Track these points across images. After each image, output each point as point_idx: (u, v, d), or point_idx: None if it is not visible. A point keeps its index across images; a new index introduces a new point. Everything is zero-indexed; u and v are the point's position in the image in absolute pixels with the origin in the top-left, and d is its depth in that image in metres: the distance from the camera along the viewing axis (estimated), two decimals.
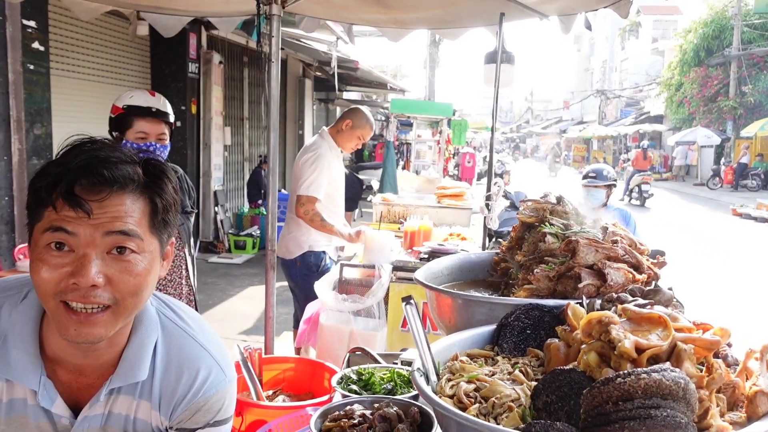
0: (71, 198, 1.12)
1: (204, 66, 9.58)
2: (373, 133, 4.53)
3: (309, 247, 4.11)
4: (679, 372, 1.07)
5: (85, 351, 1.27)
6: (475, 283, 2.31)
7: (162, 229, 1.27)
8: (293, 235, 4.17)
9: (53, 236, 1.13)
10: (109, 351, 1.31)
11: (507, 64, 3.94)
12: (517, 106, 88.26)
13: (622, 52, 49.10)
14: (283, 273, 4.40)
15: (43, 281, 1.14)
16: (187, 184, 3.10)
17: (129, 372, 1.32)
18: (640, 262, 1.81)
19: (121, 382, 1.32)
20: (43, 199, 1.14)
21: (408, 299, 1.50)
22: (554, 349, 1.41)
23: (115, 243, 1.17)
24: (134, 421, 1.38)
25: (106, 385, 1.31)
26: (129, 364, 1.32)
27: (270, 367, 2.74)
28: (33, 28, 6.05)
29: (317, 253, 4.16)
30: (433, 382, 1.44)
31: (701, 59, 29.21)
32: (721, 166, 27.43)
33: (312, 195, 4.02)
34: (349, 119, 4.27)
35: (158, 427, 1.41)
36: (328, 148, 4.21)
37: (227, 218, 10.56)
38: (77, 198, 1.12)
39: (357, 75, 13.29)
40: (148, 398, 1.37)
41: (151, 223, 1.23)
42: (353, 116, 4.30)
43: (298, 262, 4.16)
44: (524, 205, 2.20)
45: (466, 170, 18.68)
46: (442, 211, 5.51)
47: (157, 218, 1.24)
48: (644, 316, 1.26)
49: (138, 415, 1.38)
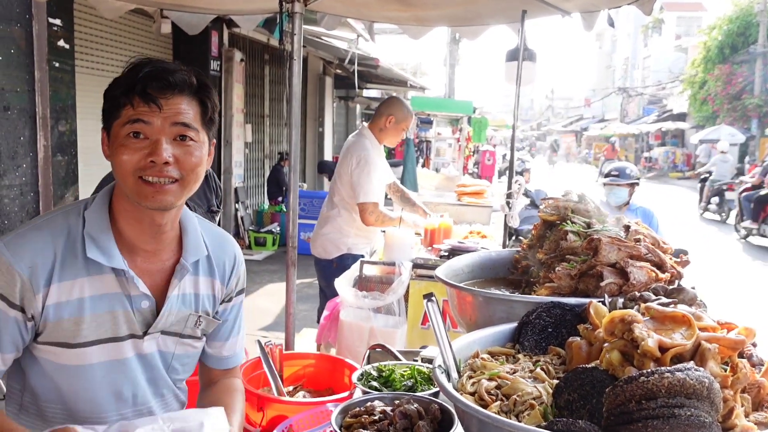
0: (146, 95, 1.40)
1: (225, 64, 9.64)
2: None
3: (348, 249, 4.10)
4: (703, 371, 1.07)
5: (155, 234, 1.54)
6: (496, 281, 2.30)
7: (210, 125, 1.55)
8: (331, 237, 4.17)
9: (132, 127, 1.41)
10: (171, 233, 1.60)
11: (529, 61, 3.92)
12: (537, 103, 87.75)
13: (644, 49, 48.57)
14: (316, 271, 4.41)
15: (125, 162, 1.42)
16: (214, 182, 3.11)
17: (195, 248, 1.63)
18: (663, 261, 1.80)
19: (192, 258, 1.61)
20: (120, 101, 1.41)
21: (429, 296, 1.50)
22: (576, 347, 1.41)
23: (178, 132, 1.45)
24: (200, 298, 1.67)
25: (182, 262, 1.59)
26: (193, 241, 1.63)
27: (291, 363, 2.75)
28: (59, 26, 6.14)
29: (356, 256, 4.13)
30: (454, 379, 1.44)
31: (726, 56, 28.78)
32: (745, 165, 27.03)
33: (374, 201, 4.02)
34: (391, 115, 4.16)
35: (217, 298, 1.73)
36: (371, 147, 4.15)
37: (248, 215, 10.63)
38: (151, 95, 1.40)
39: (377, 73, 13.30)
40: (209, 273, 1.69)
41: (203, 120, 1.51)
42: (394, 109, 4.19)
43: (335, 263, 4.13)
44: (545, 203, 2.19)
45: (485, 168, 18.57)
46: (462, 208, 5.49)
47: (207, 116, 1.53)
48: (668, 315, 1.25)
49: (201, 291, 1.67)
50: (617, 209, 4.72)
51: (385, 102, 4.36)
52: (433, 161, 13.31)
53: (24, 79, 5.76)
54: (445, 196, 6.17)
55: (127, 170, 1.43)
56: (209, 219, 3.00)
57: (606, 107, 53.69)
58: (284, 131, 11.76)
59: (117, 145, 1.43)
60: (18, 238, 1.43)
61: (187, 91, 1.47)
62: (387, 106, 4.25)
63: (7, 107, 5.68)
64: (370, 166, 4.01)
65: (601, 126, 49.28)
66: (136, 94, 1.40)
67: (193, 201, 2.93)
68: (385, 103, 4.33)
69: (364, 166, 4.02)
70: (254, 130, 11.18)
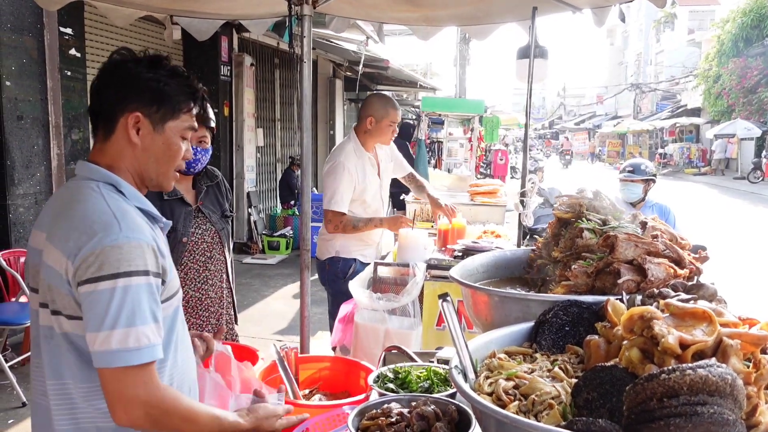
0: (200, 116, 1.86)
1: (236, 68, 9.68)
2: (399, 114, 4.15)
3: (336, 252, 4.00)
4: (725, 368, 1.04)
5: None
6: (511, 280, 2.28)
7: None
8: (324, 238, 4.13)
9: (189, 132, 1.70)
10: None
11: (540, 59, 3.89)
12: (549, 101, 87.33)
13: (657, 44, 48.23)
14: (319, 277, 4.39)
15: (179, 158, 1.70)
16: (225, 187, 3.12)
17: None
18: (681, 257, 1.77)
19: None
20: (182, 106, 1.66)
21: (444, 296, 1.49)
22: (594, 345, 1.39)
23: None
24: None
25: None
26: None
27: (306, 366, 2.74)
28: (70, 35, 6.19)
29: (346, 260, 4.03)
30: (471, 380, 1.43)
31: (740, 50, 28.49)
32: (762, 159, 26.71)
33: (336, 210, 3.86)
34: (369, 116, 3.98)
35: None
36: (352, 152, 3.98)
37: (260, 219, 10.66)
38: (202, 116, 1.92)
39: (387, 74, 13.29)
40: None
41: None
42: (371, 110, 4.00)
43: (327, 264, 4.08)
44: (560, 200, 2.17)
45: (498, 168, 18.53)
46: (476, 208, 5.47)
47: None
48: (688, 311, 1.23)
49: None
50: (633, 206, 4.68)
51: (363, 103, 4.18)
52: (445, 161, 13.27)
53: (37, 88, 5.81)
54: (458, 196, 6.15)
55: (176, 158, 1.69)
56: (223, 224, 3.01)
57: (619, 104, 53.39)
58: (296, 135, 11.77)
59: (168, 142, 1.66)
60: (126, 222, 1.52)
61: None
62: (365, 108, 4.08)
63: (21, 116, 5.73)
64: (339, 174, 3.83)
65: (614, 123, 48.97)
66: (196, 109, 1.71)
67: (207, 208, 2.94)
68: (363, 105, 4.15)
69: (332, 173, 3.86)
70: (266, 134, 11.21)
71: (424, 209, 5.41)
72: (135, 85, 1.60)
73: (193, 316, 2.90)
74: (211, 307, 2.95)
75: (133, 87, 1.60)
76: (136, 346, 1.43)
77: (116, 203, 1.56)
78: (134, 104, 1.59)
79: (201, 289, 2.90)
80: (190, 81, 1.70)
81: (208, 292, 2.93)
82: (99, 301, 1.44)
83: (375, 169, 4.13)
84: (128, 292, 1.44)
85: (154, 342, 1.47)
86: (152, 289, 1.50)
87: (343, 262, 4.03)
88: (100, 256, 1.44)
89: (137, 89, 1.60)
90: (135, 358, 1.43)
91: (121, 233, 1.47)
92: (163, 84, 1.63)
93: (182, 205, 2.84)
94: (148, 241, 1.52)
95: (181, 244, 2.81)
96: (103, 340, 1.43)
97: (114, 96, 1.61)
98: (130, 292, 1.44)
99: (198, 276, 2.89)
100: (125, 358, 1.43)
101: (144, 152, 1.63)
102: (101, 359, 1.44)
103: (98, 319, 1.43)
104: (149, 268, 1.49)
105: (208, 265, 2.91)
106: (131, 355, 1.43)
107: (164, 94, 1.63)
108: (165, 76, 1.64)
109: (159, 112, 1.62)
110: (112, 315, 1.43)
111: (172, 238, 2.78)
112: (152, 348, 1.46)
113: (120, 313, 1.43)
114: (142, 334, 1.44)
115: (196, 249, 2.87)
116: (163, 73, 1.64)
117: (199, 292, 2.90)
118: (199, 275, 2.89)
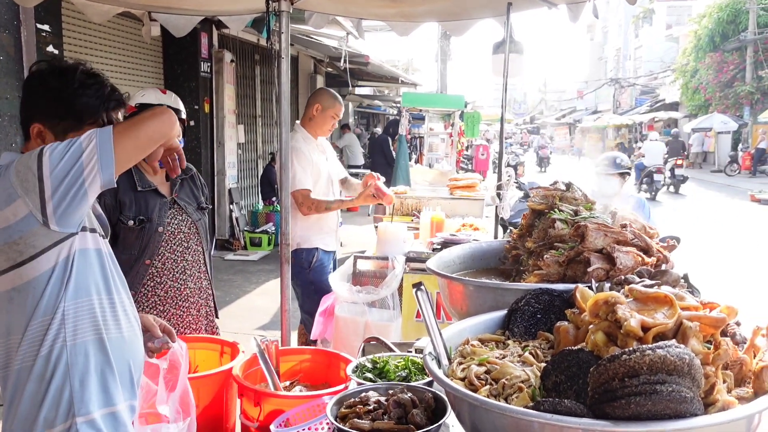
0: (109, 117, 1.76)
1: (216, 65, 9.63)
2: (342, 109, 4.37)
3: (297, 244, 4.03)
4: (683, 348, 1.09)
5: None
6: (487, 271, 2.33)
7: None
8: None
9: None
10: None
11: (515, 53, 3.94)
12: (530, 97, 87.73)
13: (636, 39, 48.59)
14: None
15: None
16: (200, 180, 3.15)
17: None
18: (649, 246, 1.82)
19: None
20: (87, 119, 1.69)
21: (419, 285, 1.53)
22: (563, 331, 1.43)
23: None
24: None
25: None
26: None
27: (287, 358, 2.78)
28: (47, 32, 6.13)
29: (309, 249, 4.09)
30: (445, 366, 1.47)
31: (716, 44, 28.82)
32: (738, 152, 27.07)
33: (302, 188, 3.93)
34: (317, 103, 4.15)
35: None
36: (301, 139, 4.11)
37: (242, 216, 10.63)
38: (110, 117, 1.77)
39: (368, 70, 13.29)
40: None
41: None
42: (320, 98, 4.18)
43: (292, 258, 4.13)
44: (534, 192, 2.22)
45: (479, 163, 18.61)
46: (455, 202, 5.52)
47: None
48: (650, 296, 1.27)
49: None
50: (609, 199, 4.74)
51: (312, 94, 4.36)
52: (426, 156, 13.31)
53: (14, 85, 5.76)
54: (439, 190, 6.21)
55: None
56: (200, 216, 3.04)
57: (599, 99, 53.71)
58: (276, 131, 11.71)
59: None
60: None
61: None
62: (314, 97, 4.25)
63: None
64: (295, 156, 3.91)
65: (594, 118, 49.33)
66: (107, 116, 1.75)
67: (183, 200, 2.97)
68: (312, 95, 4.32)
69: (293, 157, 3.90)
70: (247, 130, 11.17)
71: (404, 203, 5.46)
72: (39, 98, 1.70)
73: (173, 307, 2.93)
74: (190, 298, 2.98)
75: (38, 100, 1.70)
76: None
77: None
78: (38, 116, 1.69)
79: (179, 280, 2.93)
80: (103, 91, 1.71)
81: (187, 282, 2.96)
82: None
83: (324, 155, 4.27)
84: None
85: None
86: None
87: (306, 252, 4.10)
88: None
89: (41, 102, 1.69)
90: None
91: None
92: (70, 96, 1.68)
93: (157, 196, 2.87)
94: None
95: (158, 234, 2.83)
96: None
97: (23, 106, 1.73)
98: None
99: (176, 266, 2.92)
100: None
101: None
102: None
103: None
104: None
105: (185, 255, 2.94)
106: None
107: (68, 109, 1.68)
108: (75, 87, 1.68)
109: (60, 124, 1.68)
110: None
111: (147, 228, 2.81)
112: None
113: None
114: None
115: (172, 239, 2.90)
116: (72, 84, 1.69)
117: (178, 283, 2.92)
118: (177, 266, 2.92)
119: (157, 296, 2.88)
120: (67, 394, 1.64)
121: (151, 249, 2.84)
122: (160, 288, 2.89)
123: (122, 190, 2.80)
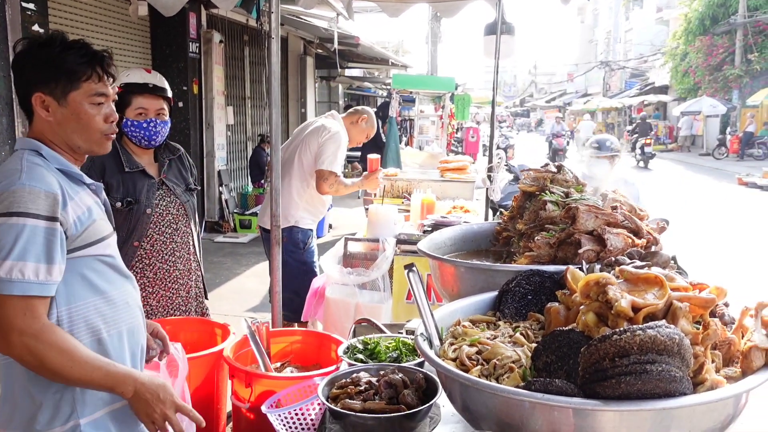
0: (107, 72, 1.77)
1: (205, 45, 9.52)
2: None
3: (295, 222, 4.08)
4: (673, 328, 1.10)
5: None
6: (478, 253, 2.34)
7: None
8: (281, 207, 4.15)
9: (99, 98, 1.75)
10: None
11: (507, 35, 3.93)
12: (520, 79, 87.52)
13: (626, 22, 48.52)
14: (263, 243, 4.46)
15: (96, 123, 1.75)
16: (188, 161, 3.13)
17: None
18: (639, 228, 1.83)
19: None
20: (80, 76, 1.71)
21: (410, 266, 1.53)
22: (554, 312, 1.44)
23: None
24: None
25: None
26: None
27: (277, 340, 2.78)
28: (32, 11, 6.04)
29: (304, 230, 4.16)
30: (436, 346, 1.48)
31: (706, 28, 28.81)
32: (726, 136, 27.19)
33: (332, 170, 4.10)
34: (365, 116, 4.48)
35: None
36: (342, 129, 4.30)
37: (232, 198, 10.58)
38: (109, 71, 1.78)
39: (358, 51, 13.20)
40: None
41: None
42: (368, 116, 4.52)
43: (285, 237, 4.11)
44: (525, 174, 2.22)
45: (469, 145, 18.61)
46: (445, 184, 5.53)
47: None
48: (641, 277, 1.28)
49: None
50: (599, 181, 4.76)
51: (363, 109, 4.68)
52: (417, 139, 13.28)
53: None
54: (429, 173, 6.20)
55: (97, 129, 1.77)
56: (188, 197, 3.02)
57: (589, 81, 53.68)
58: (266, 113, 11.65)
59: (77, 111, 1.73)
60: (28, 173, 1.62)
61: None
62: (363, 112, 4.57)
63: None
64: (339, 141, 4.15)
65: (584, 101, 49.33)
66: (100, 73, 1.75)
67: (171, 181, 2.95)
68: (363, 109, 4.67)
69: (335, 140, 4.14)
70: (236, 112, 11.08)
71: (394, 186, 5.45)
72: (30, 70, 1.73)
73: (162, 288, 2.92)
74: (179, 280, 2.97)
75: (30, 71, 1.73)
76: (19, 278, 1.53)
77: (30, 162, 1.67)
78: (36, 86, 1.72)
79: (168, 261, 2.92)
80: (85, 50, 1.76)
81: (176, 264, 2.95)
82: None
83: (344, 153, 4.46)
84: (23, 231, 1.54)
85: (43, 280, 1.56)
86: (52, 232, 1.59)
87: (302, 233, 4.17)
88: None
89: (34, 71, 1.73)
90: (17, 289, 1.53)
91: (19, 181, 1.59)
92: (57, 59, 1.72)
93: (144, 177, 2.85)
94: (47, 190, 1.61)
95: (146, 216, 2.82)
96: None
97: (19, 83, 1.76)
98: (25, 231, 1.54)
99: (165, 248, 2.91)
100: (7, 287, 1.52)
101: (59, 126, 1.74)
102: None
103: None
104: (40, 212, 1.57)
105: (174, 237, 2.93)
106: (13, 285, 1.53)
107: (59, 69, 1.72)
108: (58, 52, 1.73)
109: (58, 87, 1.71)
110: (4, 248, 1.53)
111: (136, 210, 2.80)
112: (40, 285, 1.56)
113: (12, 247, 1.53)
114: (30, 269, 1.54)
115: (161, 221, 2.88)
116: (56, 49, 1.73)
117: (167, 264, 2.91)
118: (165, 247, 2.91)
119: (146, 278, 2.87)
120: (68, 395, 1.65)
121: (140, 231, 2.83)
122: (149, 270, 2.88)
123: (109, 171, 2.78)
